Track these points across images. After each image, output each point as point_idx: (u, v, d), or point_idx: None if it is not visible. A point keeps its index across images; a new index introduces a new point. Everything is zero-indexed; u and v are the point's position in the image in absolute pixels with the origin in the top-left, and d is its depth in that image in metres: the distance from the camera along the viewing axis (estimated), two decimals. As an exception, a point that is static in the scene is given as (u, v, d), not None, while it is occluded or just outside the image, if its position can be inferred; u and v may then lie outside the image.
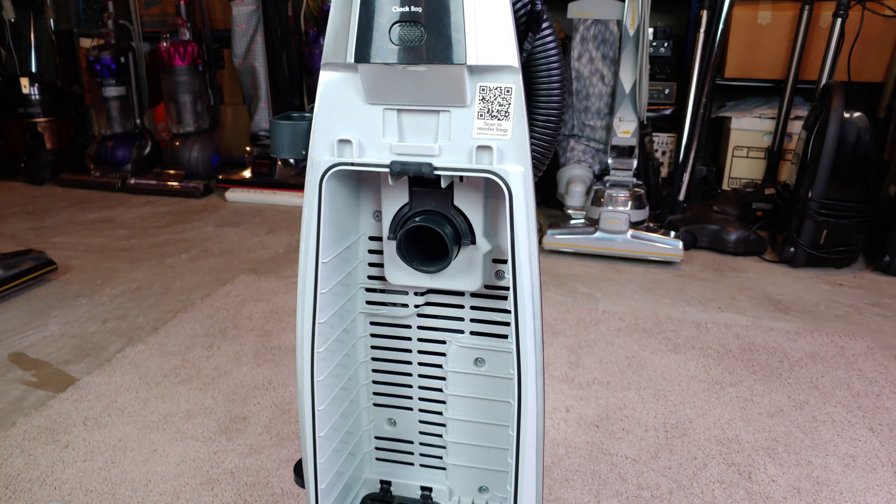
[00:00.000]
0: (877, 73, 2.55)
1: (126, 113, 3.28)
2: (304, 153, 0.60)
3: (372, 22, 0.52)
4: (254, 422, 1.33)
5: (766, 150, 2.72)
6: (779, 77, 2.65)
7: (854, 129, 2.01)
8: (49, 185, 3.26)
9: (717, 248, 2.29)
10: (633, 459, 1.22)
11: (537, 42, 0.57)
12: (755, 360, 1.58)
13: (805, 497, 1.13)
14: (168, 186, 3.08)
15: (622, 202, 2.21)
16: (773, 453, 1.24)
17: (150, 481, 1.16)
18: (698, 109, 2.41)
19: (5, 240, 2.42)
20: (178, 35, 3.15)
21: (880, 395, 1.43)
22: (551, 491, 1.14)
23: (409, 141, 0.57)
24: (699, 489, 1.15)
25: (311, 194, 0.60)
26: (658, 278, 2.08)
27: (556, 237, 2.25)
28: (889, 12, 2.44)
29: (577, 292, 1.97)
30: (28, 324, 1.76)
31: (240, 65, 3.12)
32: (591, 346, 1.64)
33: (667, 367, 1.54)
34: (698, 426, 1.32)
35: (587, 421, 1.33)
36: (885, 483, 1.16)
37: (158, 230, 2.56)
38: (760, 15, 2.63)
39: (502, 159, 0.55)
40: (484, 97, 0.55)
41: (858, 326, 1.75)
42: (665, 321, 1.77)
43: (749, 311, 1.85)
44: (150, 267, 2.17)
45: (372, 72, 0.54)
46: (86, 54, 3.30)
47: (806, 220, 2.10)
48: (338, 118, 0.58)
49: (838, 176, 2.04)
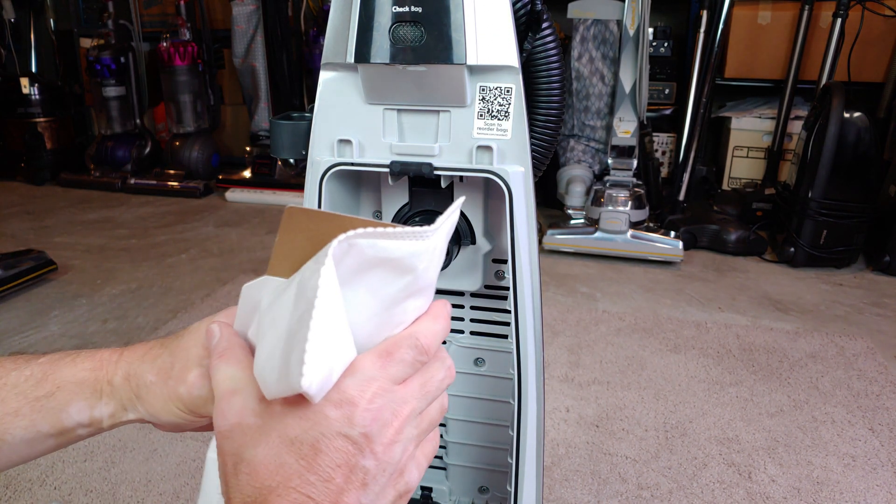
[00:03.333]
0: (877, 73, 2.55)
1: (126, 113, 3.28)
2: (304, 153, 0.60)
3: (372, 22, 0.52)
4: (254, 422, 1.33)
5: (766, 150, 2.72)
6: (779, 77, 2.65)
7: (854, 129, 2.01)
8: (49, 185, 3.26)
9: (717, 248, 2.29)
10: (633, 459, 1.22)
11: (537, 42, 0.57)
12: (755, 360, 1.58)
13: (805, 497, 1.13)
14: (168, 186, 3.08)
15: (622, 202, 2.20)
16: (773, 453, 1.24)
17: (150, 481, 1.16)
18: (698, 109, 2.41)
19: (5, 240, 2.42)
20: (178, 35, 3.15)
21: (880, 395, 1.43)
22: (551, 491, 1.14)
23: (409, 141, 0.57)
24: (699, 489, 1.14)
25: (311, 194, 0.60)
26: (658, 278, 2.08)
27: (556, 237, 2.25)
28: (889, 12, 2.44)
29: (577, 292, 1.97)
30: (28, 324, 1.76)
31: (240, 65, 3.12)
32: (591, 346, 1.64)
33: (667, 367, 1.54)
34: (698, 426, 1.32)
35: (587, 421, 1.33)
36: (885, 483, 1.16)
37: (158, 230, 2.56)
38: (760, 15, 2.63)
39: (502, 159, 0.55)
40: (484, 97, 0.55)
41: (858, 326, 1.75)
42: (665, 321, 1.77)
43: (749, 311, 1.85)
44: (150, 267, 2.17)
45: (372, 72, 0.54)
46: (86, 54, 3.30)
47: (806, 220, 2.10)
48: (338, 118, 0.58)
49: (838, 176, 2.04)
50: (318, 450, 0.33)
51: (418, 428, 0.38)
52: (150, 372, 0.44)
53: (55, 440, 0.45)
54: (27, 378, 0.44)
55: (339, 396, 0.34)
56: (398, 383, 0.37)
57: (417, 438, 0.38)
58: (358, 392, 0.34)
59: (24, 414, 0.43)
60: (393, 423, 0.35)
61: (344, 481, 0.33)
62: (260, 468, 0.33)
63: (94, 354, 0.46)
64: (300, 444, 0.33)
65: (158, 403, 0.44)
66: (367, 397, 0.34)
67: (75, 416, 0.44)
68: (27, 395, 0.44)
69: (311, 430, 0.33)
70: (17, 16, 3.35)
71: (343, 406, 0.34)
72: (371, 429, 0.34)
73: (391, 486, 0.36)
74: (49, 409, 0.44)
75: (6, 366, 0.45)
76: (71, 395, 0.44)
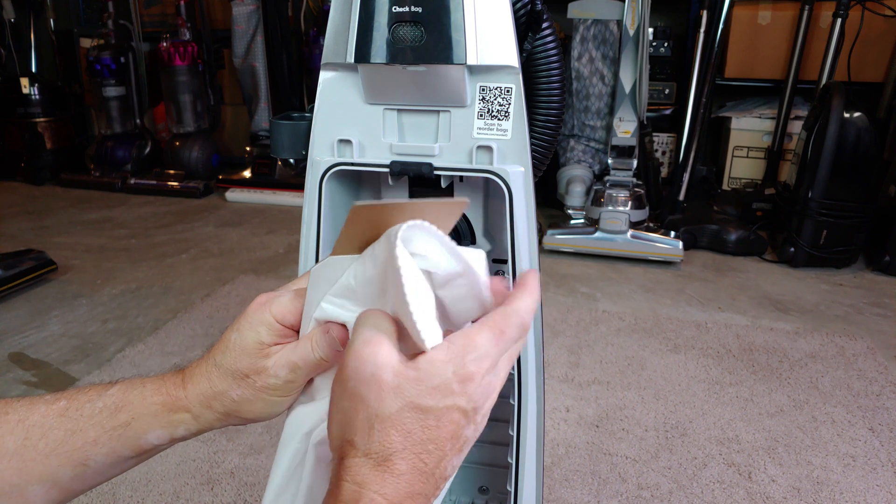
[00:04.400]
0: (877, 73, 2.55)
1: (126, 113, 3.28)
2: (304, 153, 0.60)
3: (372, 22, 0.52)
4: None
5: (766, 150, 2.72)
6: (779, 77, 2.65)
7: (854, 129, 2.01)
8: (49, 185, 3.26)
9: (717, 248, 2.29)
10: (633, 459, 1.22)
11: (537, 42, 0.57)
12: (755, 360, 1.58)
13: (805, 497, 1.13)
14: (168, 186, 3.08)
15: (622, 202, 2.20)
16: (773, 453, 1.24)
17: (150, 481, 1.16)
18: (698, 109, 2.41)
19: (5, 240, 2.42)
20: (178, 35, 3.15)
21: (880, 395, 1.43)
22: (551, 491, 1.14)
23: (409, 141, 0.57)
24: (699, 489, 1.14)
25: (311, 194, 0.59)
26: (658, 278, 2.08)
27: (556, 237, 2.25)
28: (889, 12, 2.43)
29: (577, 292, 1.97)
30: (28, 324, 1.76)
31: (240, 65, 3.12)
32: (591, 346, 1.64)
33: (667, 367, 1.54)
34: (698, 426, 1.32)
35: (587, 421, 1.33)
36: (885, 483, 1.16)
37: (158, 230, 2.56)
38: (760, 15, 2.63)
39: (502, 159, 0.55)
40: (484, 97, 0.54)
41: (858, 326, 1.75)
42: (665, 321, 1.77)
43: (749, 311, 1.85)
44: (150, 267, 2.17)
45: (372, 72, 0.54)
46: (86, 54, 3.30)
47: (806, 220, 2.10)
48: (338, 118, 0.58)
49: (838, 176, 2.04)
50: (441, 421, 0.37)
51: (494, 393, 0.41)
52: (231, 392, 0.47)
53: (136, 460, 0.49)
54: (101, 410, 0.47)
55: (463, 372, 0.37)
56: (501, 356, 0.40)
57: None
58: (476, 368, 0.37)
59: (104, 442, 0.46)
60: (492, 395, 0.39)
61: (450, 448, 0.37)
62: (391, 430, 0.36)
63: (161, 386, 0.48)
64: (427, 414, 0.36)
65: (257, 406, 0.47)
66: (482, 373, 0.37)
67: (154, 440, 0.47)
68: (104, 426, 0.47)
69: (439, 403, 0.36)
70: (17, 16, 3.35)
71: (465, 382, 0.37)
72: (479, 402, 0.38)
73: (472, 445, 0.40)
74: (127, 437, 0.47)
75: (79, 398, 0.48)
76: (147, 424, 0.47)
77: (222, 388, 0.47)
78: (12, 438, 0.46)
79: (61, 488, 0.47)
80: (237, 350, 0.47)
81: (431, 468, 0.37)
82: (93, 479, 0.48)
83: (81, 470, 0.47)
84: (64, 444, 0.46)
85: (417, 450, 0.36)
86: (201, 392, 0.47)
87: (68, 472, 0.46)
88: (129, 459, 0.48)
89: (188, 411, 0.47)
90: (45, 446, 0.46)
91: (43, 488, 0.46)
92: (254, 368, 0.46)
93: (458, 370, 0.37)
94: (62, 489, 0.47)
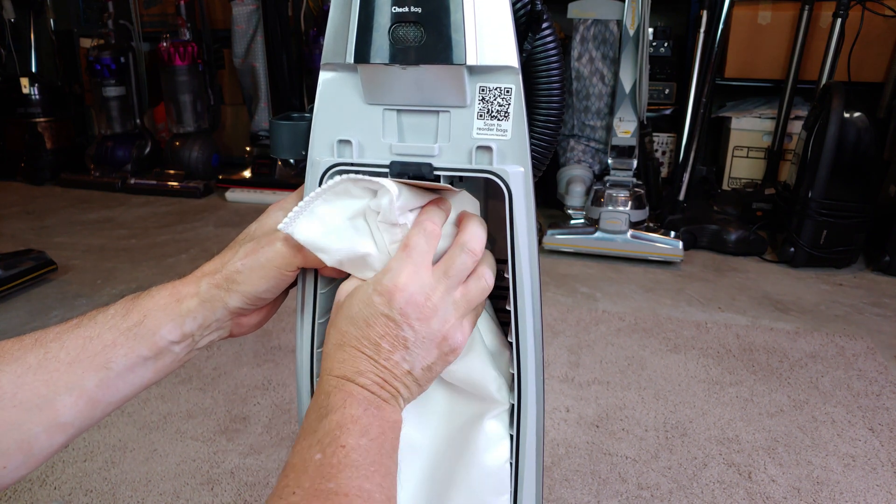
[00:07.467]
0: (877, 73, 2.55)
1: (126, 113, 3.28)
2: (303, 153, 0.60)
3: (371, 22, 0.52)
4: (254, 422, 1.33)
5: (766, 150, 2.72)
6: (779, 77, 2.65)
7: (854, 129, 2.01)
8: (49, 185, 3.26)
9: (717, 248, 2.29)
10: (633, 459, 1.22)
11: (537, 42, 0.57)
12: (755, 360, 1.58)
13: (805, 497, 1.13)
14: (168, 186, 3.08)
15: (622, 202, 2.20)
16: (773, 453, 1.24)
17: (150, 481, 1.16)
18: (698, 109, 2.41)
19: (5, 240, 2.42)
20: (178, 35, 3.15)
21: (880, 395, 1.43)
22: (551, 491, 1.14)
23: (408, 141, 0.57)
24: (699, 489, 1.15)
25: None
26: (658, 278, 2.08)
27: (556, 237, 2.25)
28: (889, 12, 2.44)
29: (577, 292, 1.97)
30: (28, 324, 1.76)
31: (240, 65, 3.12)
32: (591, 346, 1.64)
33: (667, 367, 1.54)
34: (698, 426, 1.32)
35: (587, 421, 1.33)
36: (885, 483, 1.16)
37: (158, 230, 2.56)
38: (760, 15, 2.63)
39: (502, 159, 0.55)
40: (484, 97, 0.54)
41: (858, 326, 1.75)
42: (665, 321, 1.77)
43: (749, 311, 1.85)
44: (150, 267, 2.17)
45: (371, 72, 0.54)
46: (86, 54, 3.30)
47: (806, 220, 2.10)
48: (337, 118, 0.58)
49: (838, 176, 2.04)
50: (369, 324, 0.48)
51: (457, 305, 0.50)
52: (237, 261, 0.53)
53: (154, 364, 0.52)
54: (113, 315, 0.52)
55: (381, 287, 0.48)
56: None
57: (458, 312, 0.50)
58: (391, 284, 0.47)
59: (121, 343, 0.51)
60: (426, 303, 0.48)
61: (389, 345, 0.48)
62: (337, 331, 0.49)
63: (167, 286, 0.54)
64: (357, 320, 0.48)
65: (255, 275, 0.52)
66: (400, 285, 0.47)
67: (167, 336, 0.52)
68: (119, 328, 0.51)
69: (363, 310, 0.48)
70: (17, 16, 3.35)
71: (384, 294, 0.47)
72: (406, 309, 0.47)
73: (434, 346, 0.49)
74: (142, 336, 0.51)
75: (90, 314, 0.52)
76: (159, 320, 0.52)
77: (230, 257, 0.53)
78: (33, 354, 0.49)
79: (89, 397, 0.50)
80: (260, 231, 0.55)
81: (371, 355, 0.47)
82: (116, 384, 0.51)
83: (105, 374, 0.50)
84: (84, 350, 0.50)
85: (355, 343, 0.48)
86: (210, 270, 0.54)
87: (93, 378, 0.50)
88: (148, 360, 0.52)
89: (196, 295, 0.52)
90: (66, 356, 0.49)
91: (71, 397, 0.49)
92: (267, 238, 0.53)
93: (375, 287, 0.48)
94: (90, 398, 0.50)
